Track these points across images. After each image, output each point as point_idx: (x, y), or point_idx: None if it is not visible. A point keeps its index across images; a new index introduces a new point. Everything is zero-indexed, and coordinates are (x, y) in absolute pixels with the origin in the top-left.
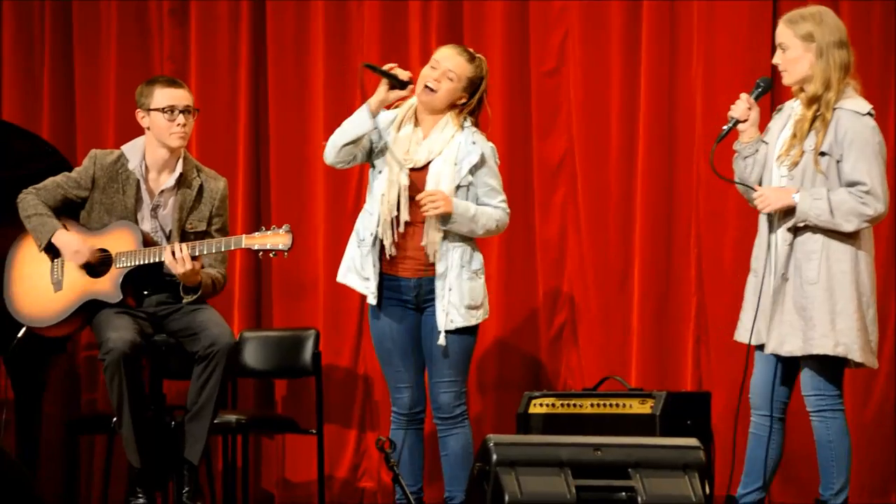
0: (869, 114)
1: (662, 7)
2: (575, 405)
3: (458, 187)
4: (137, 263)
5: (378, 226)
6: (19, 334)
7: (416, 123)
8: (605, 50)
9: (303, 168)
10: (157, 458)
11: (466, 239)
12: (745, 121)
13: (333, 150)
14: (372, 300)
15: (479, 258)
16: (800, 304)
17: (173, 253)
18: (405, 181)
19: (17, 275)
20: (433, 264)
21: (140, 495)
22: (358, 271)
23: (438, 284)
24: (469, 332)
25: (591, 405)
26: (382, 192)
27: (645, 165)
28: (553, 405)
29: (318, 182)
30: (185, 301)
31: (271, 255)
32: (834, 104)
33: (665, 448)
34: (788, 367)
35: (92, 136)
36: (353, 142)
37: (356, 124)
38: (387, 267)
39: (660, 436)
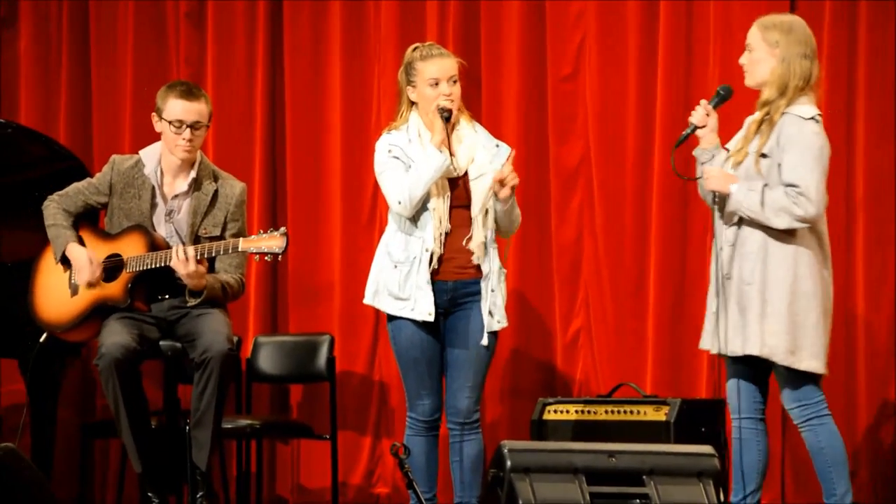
0: (813, 118)
1: (679, 12)
2: (589, 412)
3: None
4: (145, 268)
5: (433, 241)
6: (41, 339)
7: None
8: (622, 55)
9: (319, 172)
10: (162, 462)
11: (495, 243)
12: (703, 126)
13: (412, 203)
14: (429, 317)
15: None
16: (741, 305)
17: (178, 255)
18: (449, 192)
19: (41, 281)
20: (471, 267)
21: (153, 499)
22: (393, 293)
23: (483, 286)
24: (496, 337)
25: (606, 412)
26: (434, 207)
27: (661, 171)
28: (568, 412)
29: (335, 186)
30: (189, 304)
31: (266, 258)
32: (783, 110)
33: (679, 455)
34: (758, 369)
35: (108, 139)
36: None
37: (436, 168)
38: None
39: (674, 443)
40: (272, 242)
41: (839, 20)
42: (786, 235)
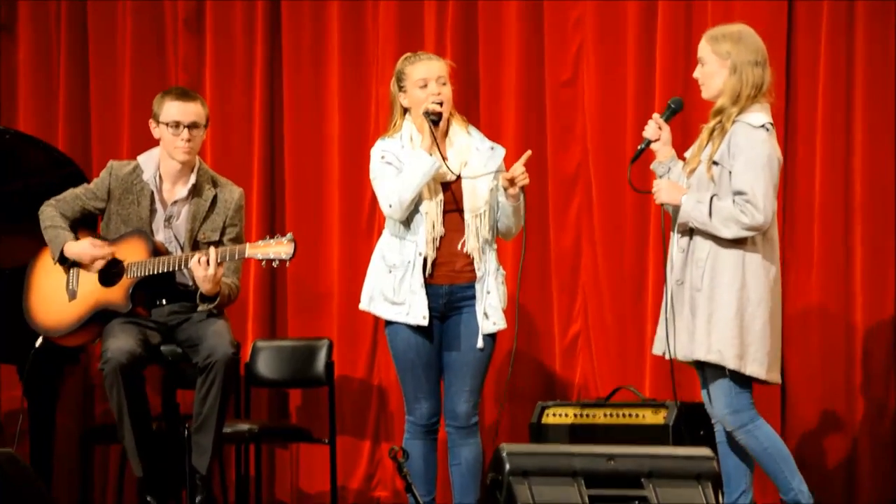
0: (763, 126)
1: (678, 18)
2: (588, 415)
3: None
4: (147, 273)
5: (426, 245)
6: (37, 344)
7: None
8: (621, 61)
9: (318, 177)
10: (162, 467)
11: (494, 244)
12: (657, 140)
13: (402, 207)
14: (423, 321)
15: (500, 265)
16: (692, 311)
17: (199, 259)
18: (441, 196)
19: (36, 285)
20: (466, 270)
21: None
22: (388, 298)
23: (478, 287)
24: (494, 339)
25: (605, 415)
26: (426, 211)
27: None
28: (566, 415)
29: (334, 191)
30: (200, 309)
31: (274, 264)
32: (735, 117)
33: (678, 458)
34: None
35: (107, 146)
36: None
37: (424, 172)
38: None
39: (673, 445)
40: (280, 249)
41: (837, 22)
42: (734, 243)
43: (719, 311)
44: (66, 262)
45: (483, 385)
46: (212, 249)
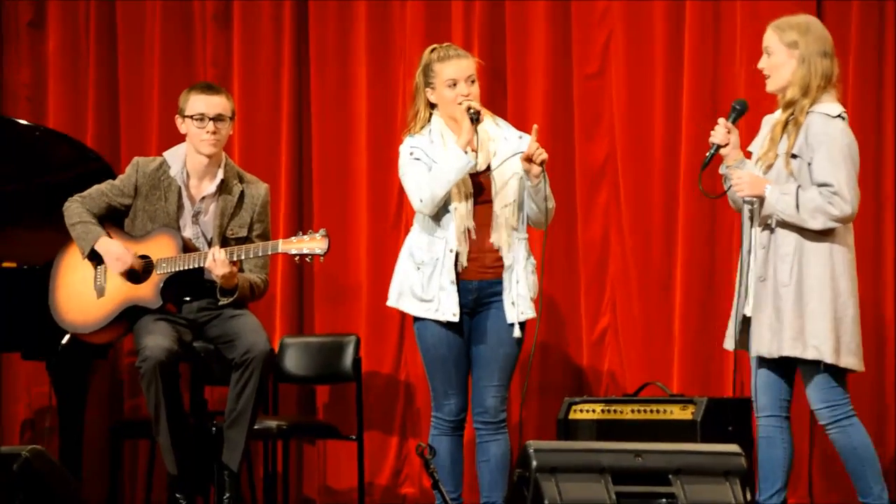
0: (840, 116)
1: (706, 9)
2: (616, 411)
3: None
4: (177, 269)
5: (456, 241)
6: (63, 341)
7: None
8: (649, 52)
9: (345, 173)
10: (195, 464)
11: (524, 234)
12: (726, 145)
13: (433, 202)
14: (454, 318)
15: (532, 254)
16: (777, 306)
17: (214, 256)
18: (471, 189)
19: (62, 282)
20: (496, 266)
21: (181, 501)
22: (417, 295)
23: (506, 277)
24: (523, 333)
25: (632, 411)
26: (455, 206)
27: (688, 168)
28: (594, 411)
29: (361, 187)
30: (220, 303)
31: (308, 259)
32: (808, 109)
33: (706, 454)
34: (786, 367)
35: (135, 141)
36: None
37: (459, 168)
38: None
39: (701, 442)
40: (314, 244)
41: (868, 17)
42: (820, 235)
43: (811, 304)
44: (96, 258)
45: (511, 380)
46: (222, 251)
